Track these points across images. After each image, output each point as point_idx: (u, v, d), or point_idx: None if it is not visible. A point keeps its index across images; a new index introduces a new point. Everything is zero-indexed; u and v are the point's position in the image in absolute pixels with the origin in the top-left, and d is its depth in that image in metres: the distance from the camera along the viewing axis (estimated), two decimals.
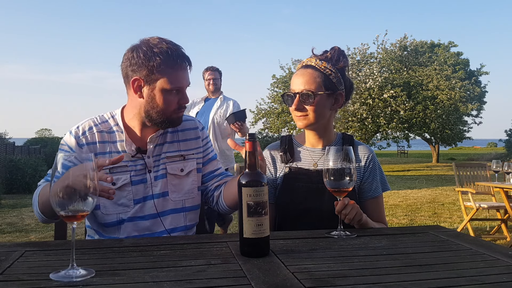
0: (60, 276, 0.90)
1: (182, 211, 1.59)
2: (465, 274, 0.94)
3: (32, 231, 5.68)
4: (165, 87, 1.46)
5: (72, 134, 1.53)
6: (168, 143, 1.61)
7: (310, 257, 1.07)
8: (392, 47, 21.32)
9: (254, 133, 1.12)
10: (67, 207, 0.94)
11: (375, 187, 1.65)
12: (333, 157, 1.30)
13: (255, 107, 21.43)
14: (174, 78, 1.46)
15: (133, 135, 1.56)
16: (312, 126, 1.62)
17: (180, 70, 1.48)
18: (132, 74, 1.47)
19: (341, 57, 1.61)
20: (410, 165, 22.60)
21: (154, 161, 1.57)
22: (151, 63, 1.43)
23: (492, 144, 63.43)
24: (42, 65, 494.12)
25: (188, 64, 1.51)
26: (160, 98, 1.47)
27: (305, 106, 1.58)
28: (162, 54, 1.44)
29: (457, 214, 7.07)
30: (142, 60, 1.44)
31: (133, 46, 1.49)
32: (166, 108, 1.48)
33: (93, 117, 1.58)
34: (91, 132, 1.53)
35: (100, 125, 1.56)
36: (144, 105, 1.50)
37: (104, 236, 1.54)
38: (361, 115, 17.80)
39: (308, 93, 1.56)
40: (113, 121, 1.58)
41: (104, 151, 1.52)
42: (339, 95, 1.62)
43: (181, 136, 1.64)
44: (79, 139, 1.52)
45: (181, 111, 1.54)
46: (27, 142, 15.69)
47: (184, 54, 1.50)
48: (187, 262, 1.02)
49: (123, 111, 1.59)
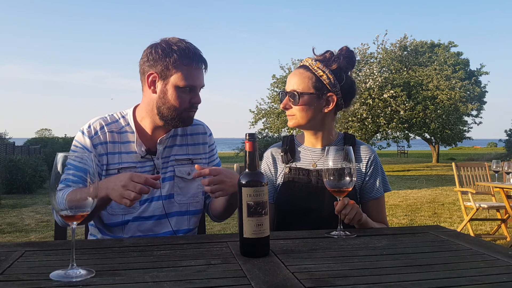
0: (60, 276, 0.90)
1: (186, 214, 1.59)
2: (465, 274, 0.94)
3: (32, 231, 5.68)
4: (179, 84, 1.47)
5: (85, 134, 1.52)
6: (177, 146, 1.61)
7: (310, 257, 1.07)
8: (392, 47, 21.32)
9: (254, 133, 1.12)
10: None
11: (377, 188, 1.64)
12: (333, 157, 1.30)
13: (255, 107, 21.44)
14: (189, 75, 1.47)
15: (144, 135, 1.56)
16: (301, 126, 1.63)
17: (195, 70, 1.49)
18: (148, 69, 1.49)
19: (341, 58, 1.57)
20: (410, 165, 22.60)
21: (163, 162, 1.57)
22: (167, 58, 1.45)
23: (492, 144, 63.40)
24: (42, 65, 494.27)
25: (204, 66, 1.53)
26: (173, 94, 1.48)
27: (292, 106, 1.59)
28: (179, 51, 1.46)
29: (457, 214, 7.08)
30: (160, 55, 1.46)
31: (153, 43, 1.51)
32: (177, 104, 1.48)
33: (102, 116, 1.57)
34: (103, 131, 1.53)
35: (111, 125, 1.55)
36: (157, 100, 1.50)
37: (107, 235, 1.54)
38: (361, 115, 17.79)
39: (294, 93, 1.57)
40: (124, 121, 1.57)
41: (114, 151, 1.52)
42: (331, 96, 1.59)
43: (190, 140, 1.65)
44: (93, 139, 1.51)
45: (192, 111, 1.54)
46: (27, 142, 15.70)
47: (201, 55, 1.51)
48: (187, 262, 1.02)
49: (136, 110, 1.59)
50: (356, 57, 1.64)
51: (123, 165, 1.51)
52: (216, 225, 5.99)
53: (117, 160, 1.51)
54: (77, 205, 0.94)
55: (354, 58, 1.62)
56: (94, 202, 0.95)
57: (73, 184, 0.98)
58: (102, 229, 1.55)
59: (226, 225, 6.01)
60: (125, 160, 1.52)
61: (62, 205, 0.94)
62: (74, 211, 0.94)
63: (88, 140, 1.50)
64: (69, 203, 0.93)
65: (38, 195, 9.57)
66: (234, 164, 1.94)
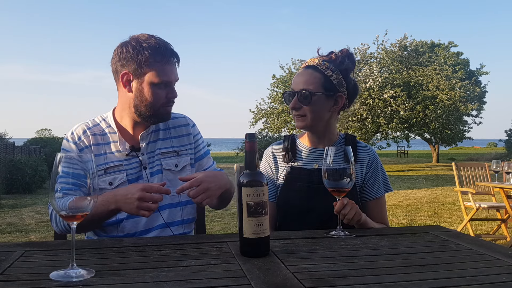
0: (60, 276, 0.90)
1: (179, 205, 1.61)
2: (465, 274, 0.94)
3: (32, 231, 5.68)
4: (153, 81, 1.49)
5: (69, 141, 1.55)
6: (161, 139, 1.64)
7: (310, 257, 1.07)
8: (392, 47, 21.29)
9: (254, 133, 1.12)
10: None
11: (377, 188, 1.65)
12: (332, 157, 1.31)
13: (255, 107, 21.43)
14: (162, 71, 1.49)
15: (126, 134, 1.59)
16: (309, 128, 1.63)
17: (168, 64, 1.51)
18: (121, 69, 1.50)
19: (346, 60, 1.60)
20: (410, 165, 22.60)
21: (149, 158, 1.59)
22: (139, 57, 1.47)
23: (492, 144, 63.41)
24: (42, 65, 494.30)
25: (176, 60, 1.55)
26: (149, 91, 1.50)
27: (302, 106, 1.58)
28: (150, 49, 1.47)
29: (457, 214, 7.08)
30: (131, 54, 1.48)
31: (123, 42, 1.52)
32: (154, 101, 1.51)
33: (84, 122, 1.61)
34: (86, 135, 1.56)
35: (93, 128, 1.58)
36: (133, 99, 1.52)
37: (103, 235, 1.55)
38: (361, 115, 17.79)
39: (306, 92, 1.56)
40: (105, 124, 1.60)
41: (99, 153, 1.55)
42: (339, 97, 1.62)
43: (174, 133, 1.67)
44: (77, 144, 1.54)
45: (169, 105, 1.56)
46: (27, 142, 15.69)
47: (173, 49, 1.53)
48: (187, 262, 1.02)
49: (114, 112, 1.62)
50: (356, 57, 1.66)
51: (109, 164, 1.53)
52: (216, 225, 6.00)
53: (103, 161, 1.53)
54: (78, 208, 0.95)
55: (355, 60, 1.66)
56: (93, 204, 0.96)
57: (70, 192, 0.97)
58: (98, 230, 1.56)
59: (226, 225, 6.01)
60: (111, 159, 1.55)
61: (63, 210, 0.94)
62: (74, 211, 0.94)
63: (74, 146, 1.54)
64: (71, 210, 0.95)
65: (38, 195, 9.57)
66: (234, 164, 1.94)
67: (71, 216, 0.95)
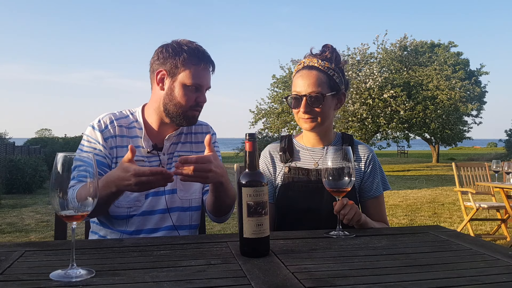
0: (60, 276, 0.90)
1: (189, 210, 1.62)
2: (465, 274, 0.94)
3: (32, 231, 5.68)
4: (186, 82, 1.51)
5: (95, 128, 1.56)
6: (181, 143, 1.66)
7: (310, 257, 1.07)
8: (392, 47, 21.29)
9: (254, 133, 1.12)
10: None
11: (376, 187, 1.65)
12: (332, 157, 1.30)
13: (255, 107, 21.42)
14: (196, 74, 1.52)
15: (151, 132, 1.61)
16: (318, 128, 1.62)
17: (203, 70, 1.54)
18: (158, 67, 1.54)
19: (338, 56, 1.62)
20: (410, 165, 22.60)
21: (168, 158, 1.61)
22: (177, 57, 1.51)
23: (492, 144, 63.40)
24: (42, 65, 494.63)
25: (212, 67, 1.57)
26: (180, 91, 1.52)
27: (314, 109, 1.57)
28: (189, 51, 1.51)
29: (457, 214, 7.08)
30: (170, 54, 1.52)
31: (164, 43, 1.57)
32: (183, 102, 1.53)
33: (112, 112, 1.62)
34: (112, 125, 1.57)
35: (120, 120, 1.60)
36: (164, 97, 1.54)
37: (111, 228, 1.55)
38: (361, 115, 17.78)
39: (317, 95, 1.55)
40: (133, 118, 1.62)
41: (122, 145, 1.56)
42: (342, 94, 1.63)
43: (194, 139, 1.69)
44: (103, 133, 1.55)
45: (197, 110, 1.57)
46: (27, 142, 15.70)
47: (210, 57, 1.56)
48: (187, 262, 1.02)
49: (144, 108, 1.64)
50: (356, 57, 1.66)
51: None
52: (216, 225, 5.99)
53: (126, 153, 1.51)
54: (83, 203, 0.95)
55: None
56: (95, 202, 0.96)
57: (84, 179, 0.97)
58: (106, 223, 1.56)
59: (226, 225, 6.01)
60: None
61: (73, 202, 0.94)
62: (77, 210, 0.94)
63: (99, 134, 1.55)
64: (79, 199, 0.95)
65: (38, 195, 9.57)
66: (234, 164, 1.94)
67: (71, 216, 0.94)
